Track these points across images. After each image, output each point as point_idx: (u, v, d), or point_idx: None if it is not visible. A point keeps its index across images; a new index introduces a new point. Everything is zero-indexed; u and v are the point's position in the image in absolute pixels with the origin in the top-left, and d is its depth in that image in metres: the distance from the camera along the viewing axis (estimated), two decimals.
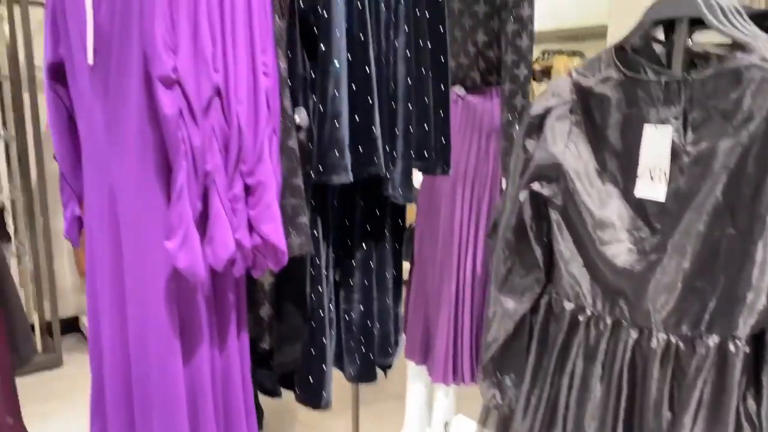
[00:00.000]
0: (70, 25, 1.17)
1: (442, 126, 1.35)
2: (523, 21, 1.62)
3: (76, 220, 1.31)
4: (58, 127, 1.28)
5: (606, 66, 1.03)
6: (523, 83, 1.64)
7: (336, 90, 1.18)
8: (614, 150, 1.03)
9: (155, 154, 1.09)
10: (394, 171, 1.30)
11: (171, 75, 1.00)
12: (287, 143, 1.17)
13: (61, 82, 1.26)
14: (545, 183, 1.08)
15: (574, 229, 1.07)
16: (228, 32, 1.05)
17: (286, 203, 1.18)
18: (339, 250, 1.38)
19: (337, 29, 1.17)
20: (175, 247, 1.04)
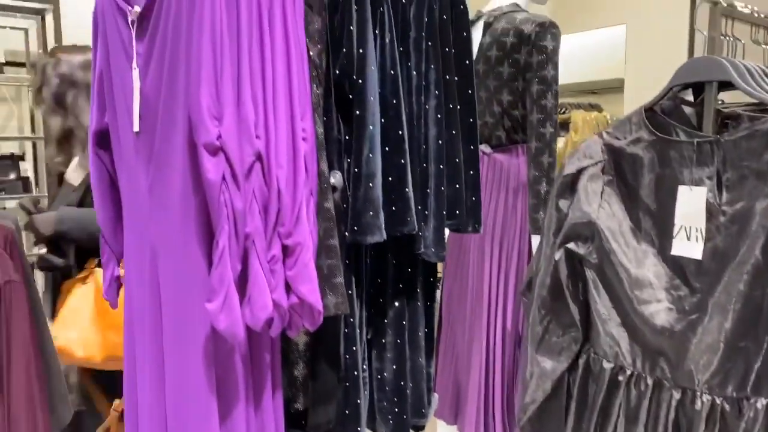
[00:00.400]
0: (116, 94, 1.23)
1: (473, 184, 1.38)
2: (548, 82, 1.67)
3: (115, 280, 1.34)
4: (101, 190, 1.33)
5: (637, 127, 1.06)
6: (550, 141, 1.67)
7: (370, 152, 1.21)
8: (648, 209, 1.04)
9: (197, 216, 1.12)
10: (426, 229, 1.32)
11: (215, 142, 1.03)
12: (323, 204, 1.20)
13: (105, 147, 1.31)
14: (580, 242, 1.09)
15: (610, 288, 1.07)
16: (269, 100, 1.09)
17: (322, 263, 1.19)
18: (371, 309, 1.39)
19: (371, 94, 1.21)
20: (216, 308, 1.05)
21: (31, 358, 0.99)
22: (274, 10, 1.08)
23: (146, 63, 1.14)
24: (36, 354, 1.01)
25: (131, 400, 1.27)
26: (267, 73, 1.09)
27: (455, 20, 1.34)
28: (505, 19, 1.78)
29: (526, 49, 1.70)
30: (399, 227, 1.26)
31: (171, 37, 1.09)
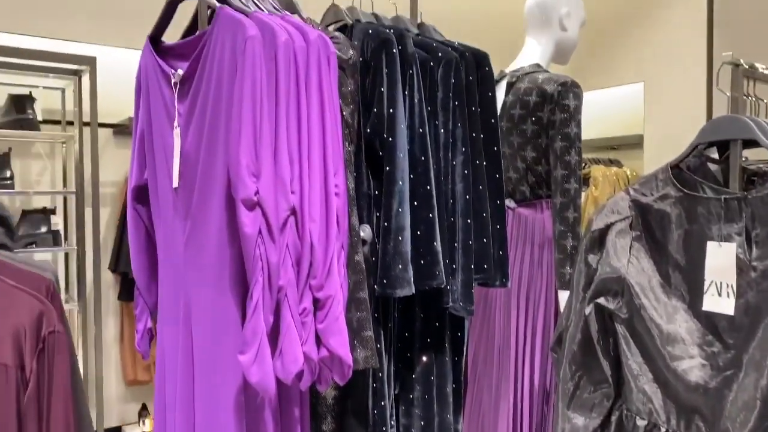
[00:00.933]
0: (156, 152, 1.28)
1: (500, 239, 1.40)
2: (571, 138, 1.71)
3: (147, 332, 1.36)
4: (137, 243, 1.37)
5: (663, 184, 1.08)
6: (574, 196, 1.70)
7: (400, 206, 1.24)
8: (677, 265, 1.05)
9: (232, 269, 1.15)
10: (455, 283, 1.34)
11: (253, 198, 1.07)
12: (354, 258, 1.22)
13: (143, 202, 1.36)
14: (610, 297, 1.10)
15: (642, 344, 1.07)
16: (304, 157, 1.13)
17: (351, 316, 1.21)
18: (399, 363, 1.39)
19: (400, 152, 1.25)
20: (249, 361, 1.07)
21: (70, 406, 1.01)
22: (310, 73, 1.14)
23: (187, 123, 1.20)
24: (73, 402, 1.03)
25: None
26: (303, 132, 1.14)
27: (481, 81, 1.39)
28: (528, 78, 1.83)
29: (549, 107, 1.74)
30: (427, 281, 1.28)
31: (212, 99, 1.14)
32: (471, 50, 1.39)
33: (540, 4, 1.93)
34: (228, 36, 1.11)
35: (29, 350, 0.97)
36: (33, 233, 2.90)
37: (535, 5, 1.94)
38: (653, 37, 3.86)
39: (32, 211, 2.95)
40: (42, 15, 3.05)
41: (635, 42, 3.97)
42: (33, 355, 0.97)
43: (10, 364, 0.97)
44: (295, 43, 1.12)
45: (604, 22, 4.07)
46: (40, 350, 0.98)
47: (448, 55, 1.32)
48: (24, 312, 0.98)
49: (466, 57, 1.36)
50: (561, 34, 1.94)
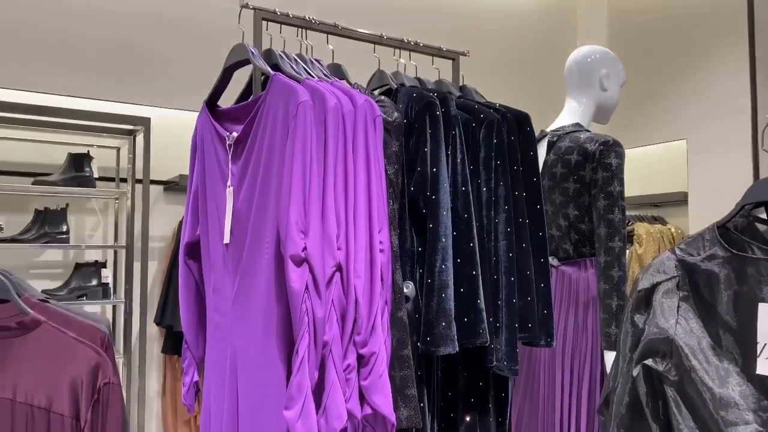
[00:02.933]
0: (209, 209, 1.34)
1: (544, 297, 1.39)
2: (614, 197, 1.71)
3: (194, 385, 1.39)
4: (187, 298, 1.41)
5: (710, 244, 1.07)
6: (619, 254, 1.68)
7: (443, 263, 1.26)
8: (728, 326, 1.03)
9: (278, 324, 1.18)
10: (498, 342, 1.33)
11: (301, 254, 1.11)
12: (397, 314, 1.23)
13: (194, 258, 1.41)
14: (658, 358, 1.08)
15: (693, 408, 1.04)
16: (350, 215, 1.17)
17: (395, 374, 1.21)
18: (442, 423, 1.37)
19: (443, 209, 1.27)
20: (294, 416, 1.08)
21: None
22: (357, 135, 1.19)
23: (240, 182, 1.25)
24: None
25: None
26: (349, 191, 1.18)
27: (522, 141, 1.42)
28: (569, 138, 1.86)
29: (591, 166, 1.76)
30: (471, 339, 1.28)
31: (264, 160, 1.20)
32: (512, 111, 1.43)
33: (580, 66, 1.97)
34: (281, 101, 1.17)
35: (85, 401, 1.00)
36: (84, 285, 3.00)
37: (575, 66, 1.98)
38: (695, 93, 3.86)
39: (84, 264, 3.06)
40: (100, 78, 3.24)
41: (677, 99, 3.97)
42: (88, 406, 1.01)
43: (66, 414, 1.00)
44: (343, 108, 1.17)
45: (646, 79, 4.10)
46: (95, 401, 1.01)
47: (489, 116, 1.36)
48: (82, 363, 1.02)
49: (507, 118, 1.40)
50: (601, 95, 1.97)
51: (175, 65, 3.39)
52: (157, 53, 3.38)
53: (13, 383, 1.00)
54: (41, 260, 3.19)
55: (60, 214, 2.98)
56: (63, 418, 0.99)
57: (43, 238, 2.91)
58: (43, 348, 1.02)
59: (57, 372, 1.01)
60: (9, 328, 1.02)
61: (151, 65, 3.33)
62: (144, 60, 3.35)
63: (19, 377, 1.00)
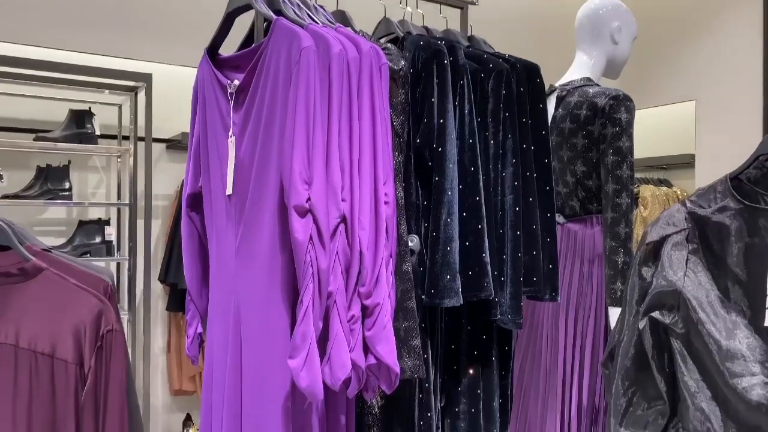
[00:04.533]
0: (211, 160, 1.32)
1: (549, 252, 1.38)
2: (623, 152, 1.68)
3: (197, 337, 1.39)
4: (190, 250, 1.40)
5: (722, 196, 1.05)
6: (626, 211, 1.66)
7: (449, 217, 1.24)
8: (737, 279, 1.02)
9: (282, 275, 1.17)
10: (503, 295, 1.32)
11: (305, 205, 1.09)
12: (402, 267, 1.22)
13: (197, 210, 1.40)
14: (665, 311, 1.07)
15: (699, 360, 1.04)
16: (355, 166, 1.15)
17: (399, 325, 1.21)
18: (445, 375, 1.38)
19: (450, 162, 1.25)
20: (298, 365, 1.08)
21: (125, 402, 1.03)
22: (362, 83, 1.15)
23: (242, 132, 1.23)
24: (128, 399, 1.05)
25: None
26: (354, 140, 1.15)
27: (532, 92, 1.39)
28: (578, 92, 1.82)
29: (600, 121, 1.72)
30: (475, 292, 1.27)
31: (267, 108, 1.17)
32: (522, 62, 1.39)
33: (590, 18, 1.92)
34: (284, 47, 1.14)
35: (88, 348, 1.00)
36: (88, 243, 3.00)
37: (586, 19, 1.93)
38: (706, 53, 3.78)
39: (88, 222, 3.06)
40: (101, 33, 3.18)
41: (687, 59, 3.89)
42: (92, 352, 1.00)
43: (70, 361, 1.00)
44: (348, 54, 1.14)
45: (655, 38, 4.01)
46: (98, 348, 1.01)
47: (499, 66, 1.32)
48: (84, 310, 1.01)
49: (517, 68, 1.36)
50: (612, 48, 1.93)
51: (178, 19, 3.33)
52: (159, 7, 3.31)
53: (15, 329, 1.00)
54: (44, 218, 3.19)
55: (62, 171, 2.96)
56: (66, 365, 0.99)
57: (46, 195, 2.90)
58: (46, 294, 1.01)
59: (60, 318, 1.00)
60: (10, 275, 1.01)
61: (153, 19, 3.27)
62: (146, 14, 3.28)
63: (21, 323, 1.00)
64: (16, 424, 0.98)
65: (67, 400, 0.99)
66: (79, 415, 1.00)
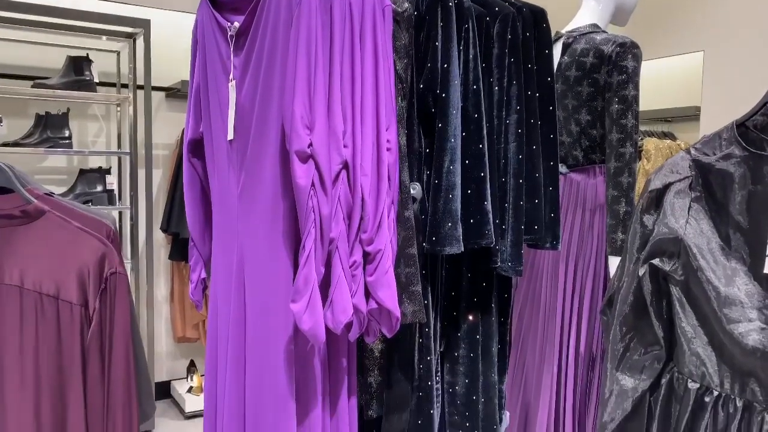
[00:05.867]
0: (211, 105, 1.30)
1: (552, 200, 1.38)
2: (628, 101, 1.66)
3: (201, 282, 1.40)
4: (192, 196, 1.40)
5: (727, 143, 1.04)
6: (629, 161, 1.65)
7: (451, 164, 1.23)
8: (739, 226, 1.02)
9: (285, 221, 1.17)
10: (504, 243, 1.33)
11: (307, 150, 1.08)
12: (404, 214, 1.22)
13: (198, 156, 1.39)
14: (666, 258, 1.07)
15: (697, 306, 1.05)
16: (357, 112, 1.14)
17: (400, 271, 1.22)
18: (445, 321, 1.40)
19: (453, 108, 1.24)
20: (301, 309, 1.09)
21: (129, 344, 1.05)
22: (365, 26, 1.13)
23: (242, 76, 1.21)
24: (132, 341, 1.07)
25: (210, 397, 1.32)
26: (356, 86, 1.13)
27: (538, 37, 1.36)
28: (585, 39, 1.78)
29: (606, 69, 1.69)
30: (476, 240, 1.27)
31: (267, 52, 1.15)
32: (528, 6, 1.36)
33: None
34: None
35: (93, 290, 1.01)
36: (89, 191, 3.00)
37: None
38: (715, 2, 3.69)
39: (89, 171, 3.05)
40: None
41: (695, 8, 3.80)
42: (96, 294, 1.01)
43: (75, 302, 1.01)
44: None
45: None
46: (102, 290, 1.02)
47: (505, 10, 1.29)
48: (88, 252, 1.02)
49: (523, 13, 1.33)
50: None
51: None
52: None
53: (20, 271, 1.01)
54: (45, 166, 3.18)
55: (61, 119, 2.94)
56: (72, 306, 1.01)
57: (46, 143, 2.89)
58: (49, 237, 1.01)
59: (63, 260, 1.01)
60: (13, 217, 1.01)
61: None
62: None
63: (25, 265, 1.01)
64: (24, 363, 1.00)
65: (72, 341, 1.01)
66: (85, 355, 1.02)
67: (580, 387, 1.76)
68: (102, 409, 1.03)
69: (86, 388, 1.02)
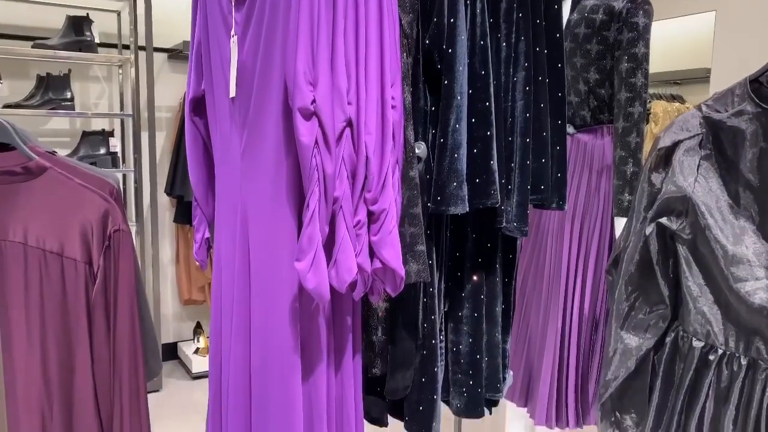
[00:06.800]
0: (213, 62, 1.28)
1: (559, 160, 1.36)
2: (638, 59, 1.62)
3: (205, 242, 1.40)
4: (195, 155, 1.39)
5: (740, 99, 1.02)
6: (638, 120, 1.63)
7: (457, 123, 1.22)
8: (749, 184, 1.01)
9: (288, 180, 1.16)
10: (509, 204, 1.32)
11: (310, 107, 1.06)
12: (408, 173, 1.21)
13: (200, 114, 1.37)
14: (673, 217, 1.06)
15: (704, 265, 1.04)
16: (361, 67, 1.11)
17: (405, 231, 1.21)
18: (449, 281, 1.40)
19: (460, 64, 1.21)
20: (305, 268, 1.09)
21: (135, 301, 1.05)
22: None
23: (244, 32, 1.19)
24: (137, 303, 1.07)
25: (216, 356, 1.33)
26: (360, 40, 1.11)
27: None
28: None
29: (616, 26, 1.66)
30: (482, 200, 1.26)
31: (269, 6, 1.12)
32: None
33: None
34: None
35: (96, 247, 1.01)
36: (93, 154, 2.99)
37: None
38: None
39: (92, 133, 3.03)
40: None
41: None
42: (100, 252, 1.01)
43: (79, 259, 1.01)
44: None
45: None
46: (106, 247, 1.02)
47: None
48: (91, 210, 1.01)
49: None
50: None
51: None
52: None
53: (23, 228, 1.00)
54: (48, 128, 3.16)
55: (63, 80, 2.91)
56: (76, 263, 1.01)
57: (48, 104, 2.86)
58: (51, 193, 1.01)
59: (66, 218, 1.00)
60: (14, 173, 1.00)
61: None
62: None
63: (28, 222, 1.00)
64: (30, 320, 1.01)
65: (77, 299, 1.01)
66: (90, 312, 1.02)
67: (584, 348, 1.77)
68: (109, 366, 1.04)
69: (92, 344, 1.03)
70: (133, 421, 1.05)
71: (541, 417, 1.77)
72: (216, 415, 1.33)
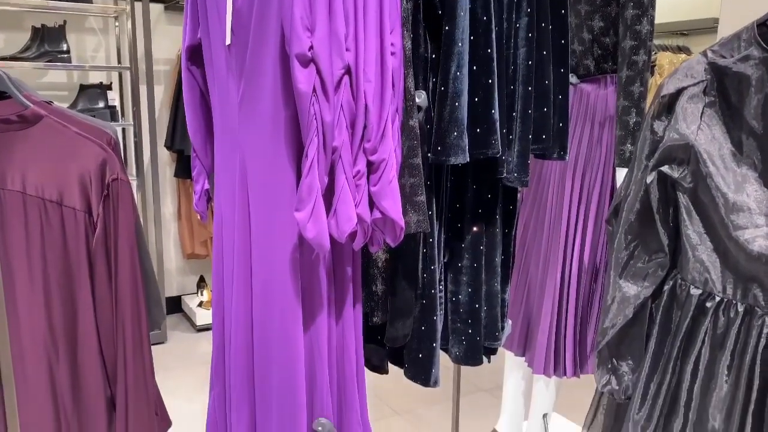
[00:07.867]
0: (209, 9, 1.25)
1: (561, 109, 1.34)
2: (644, 6, 1.58)
3: (205, 193, 1.40)
4: (192, 105, 1.37)
5: (747, 44, 1.00)
6: (642, 69, 1.60)
7: (458, 70, 1.19)
8: (752, 131, 0.99)
9: (286, 129, 1.15)
10: (510, 153, 1.31)
11: (307, 53, 1.04)
12: (408, 123, 1.20)
13: (197, 63, 1.35)
14: (675, 165, 1.06)
15: (704, 213, 1.04)
16: (360, 13, 1.09)
17: (404, 181, 1.20)
18: (449, 232, 1.40)
19: (461, 9, 1.18)
20: (305, 217, 1.09)
21: (135, 249, 1.06)
22: None
23: None
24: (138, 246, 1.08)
25: (218, 306, 1.35)
26: None
27: None
28: None
29: None
30: (482, 149, 1.25)
31: None
32: None
33: None
34: None
35: (95, 195, 1.01)
36: (91, 107, 2.96)
37: None
38: None
39: (89, 86, 3.00)
40: None
41: None
42: (99, 201, 1.01)
43: (78, 208, 1.01)
44: None
45: None
46: (105, 196, 1.02)
47: None
48: (88, 159, 1.01)
49: None
50: None
51: None
52: None
53: (21, 176, 1.00)
54: (45, 82, 3.12)
55: (58, 32, 2.86)
56: (75, 212, 1.01)
57: (44, 57, 2.83)
58: (48, 142, 1.00)
59: (64, 166, 1.00)
60: (9, 122, 0.99)
61: None
62: None
63: (26, 170, 1.00)
64: (32, 269, 1.02)
65: (78, 247, 1.02)
66: (91, 261, 1.03)
67: (583, 297, 1.79)
68: (111, 315, 1.05)
69: (94, 292, 1.04)
70: (137, 366, 1.07)
71: (539, 366, 1.80)
72: (219, 365, 1.36)
